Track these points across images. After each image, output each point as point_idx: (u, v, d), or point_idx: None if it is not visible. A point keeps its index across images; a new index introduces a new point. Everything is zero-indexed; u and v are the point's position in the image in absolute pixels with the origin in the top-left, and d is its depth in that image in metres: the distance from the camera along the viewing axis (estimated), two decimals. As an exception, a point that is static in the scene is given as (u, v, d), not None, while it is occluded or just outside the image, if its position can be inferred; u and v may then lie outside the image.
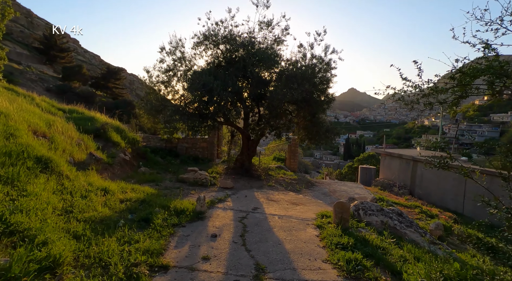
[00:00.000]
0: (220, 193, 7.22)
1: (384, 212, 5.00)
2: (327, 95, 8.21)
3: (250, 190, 8.03)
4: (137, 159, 10.33)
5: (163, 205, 4.82)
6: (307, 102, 7.79)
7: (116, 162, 7.78)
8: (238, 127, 10.36)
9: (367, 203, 5.24)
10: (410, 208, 8.47)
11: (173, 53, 9.28)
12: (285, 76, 7.91)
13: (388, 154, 15.20)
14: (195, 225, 4.38)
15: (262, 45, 8.99)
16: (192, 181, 8.07)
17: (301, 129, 9.36)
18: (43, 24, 53.61)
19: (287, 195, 7.87)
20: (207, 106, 8.02)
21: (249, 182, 9.11)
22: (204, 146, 14.11)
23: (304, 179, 11.24)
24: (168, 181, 8.03)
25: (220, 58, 9.59)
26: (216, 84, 7.72)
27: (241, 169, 10.19)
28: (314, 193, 9.23)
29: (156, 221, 4.00)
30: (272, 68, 8.28)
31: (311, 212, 6.08)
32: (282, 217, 5.33)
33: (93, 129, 8.59)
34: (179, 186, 7.51)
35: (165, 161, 11.65)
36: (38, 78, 31.93)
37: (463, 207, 11.03)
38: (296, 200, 7.29)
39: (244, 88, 8.22)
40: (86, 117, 9.56)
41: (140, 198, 5.15)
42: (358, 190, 11.01)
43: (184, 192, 6.89)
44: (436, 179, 12.55)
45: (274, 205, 6.43)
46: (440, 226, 5.92)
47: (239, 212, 5.57)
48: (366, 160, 28.33)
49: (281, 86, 7.19)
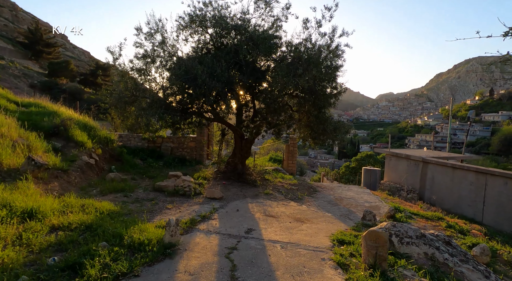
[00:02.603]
0: (205, 207, 5.74)
1: (427, 240, 3.63)
2: (335, 86, 6.81)
3: (243, 201, 6.57)
4: (110, 162, 8.74)
5: (116, 234, 3.32)
6: (312, 93, 6.37)
7: (75, 167, 6.20)
8: (229, 125, 8.88)
9: (401, 226, 3.85)
10: (432, 220, 7.17)
11: (151, 36, 7.72)
12: (287, 62, 6.47)
13: (394, 154, 13.97)
14: (157, 272, 2.88)
15: (258, 28, 7.54)
16: (172, 190, 6.56)
17: (303, 127, 7.95)
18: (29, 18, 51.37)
19: (288, 207, 6.46)
20: (191, 98, 6.54)
21: (242, 190, 7.65)
22: (192, 146, 12.57)
23: (304, 183, 9.86)
24: (141, 191, 6.50)
25: (209, 45, 8.07)
26: (201, 70, 6.23)
27: (233, 174, 8.73)
28: (319, 202, 7.85)
29: (89, 271, 2.49)
30: (270, 53, 6.81)
31: (322, 233, 4.67)
32: (286, 246, 3.90)
33: (50, 126, 6.97)
34: (154, 197, 6.00)
35: (145, 164, 10.09)
36: (21, 73, 29.95)
37: (483, 215, 9.87)
38: (300, 214, 5.87)
39: (237, 77, 6.74)
40: (45, 112, 7.90)
41: (86, 222, 3.63)
42: (367, 196, 9.71)
43: (158, 206, 5.38)
44: (449, 183, 11.36)
45: (273, 224, 4.99)
46: (486, 250, 4.59)
47: (227, 237, 4.11)
48: (364, 160, 27.22)
49: (282, 74, 5.75)
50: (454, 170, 11.09)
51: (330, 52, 6.08)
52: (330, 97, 6.70)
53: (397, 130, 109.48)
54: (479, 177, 10.13)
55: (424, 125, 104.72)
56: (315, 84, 6.02)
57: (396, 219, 6.63)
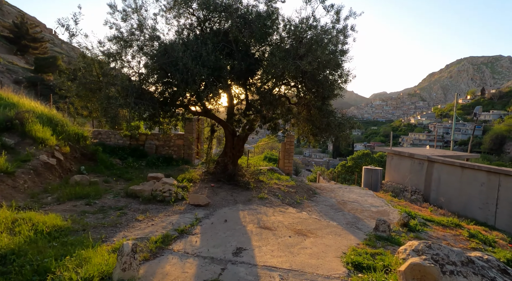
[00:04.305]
0: (187, 217, 4.71)
1: (477, 268, 2.69)
2: (341, 73, 5.83)
3: (233, 208, 5.55)
4: (81, 162, 7.60)
5: (41, 269, 2.27)
6: (315, 81, 5.38)
7: (26, 168, 5.07)
8: (219, 119, 7.84)
9: (440, 248, 2.90)
10: (449, 227, 6.30)
11: (128, 15, 6.60)
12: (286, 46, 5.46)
13: (396, 153, 13.15)
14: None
15: (252, 8, 6.50)
16: (148, 195, 5.49)
17: (303, 122, 6.96)
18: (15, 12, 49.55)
19: (286, 214, 5.48)
20: (170, 86, 5.48)
21: (232, 194, 6.64)
22: (180, 144, 11.46)
23: (303, 185, 8.90)
24: (111, 197, 5.40)
25: (196, 30, 6.99)
26: (182, 51, 5.18)
27: (223, 175, 7.70)
28: (320, 207, 6.90)
29: None
30: (265, 35, 5.77)
31: (331, 252, 3.70)
32: (288, 277, 2.90)
33: (1, 120, 5.80)
34: (124, 205, 4.92)
35: (124, 164, 8.96)
36: (5, 69, 28.45)
37: (495, 218, 9.11)
38: (301, 224, 4.90)
39: (226, 63, 5.70)
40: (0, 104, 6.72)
41: (6, 248, 2.56)
42: (371, 199, 8.82)
43: (125, 218, 4.32)
44: (458, 183, 10.58)
45: (269, 239, 3.99)
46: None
47: (208, 263, 3.09)
48: (360, 159, 26.54)
49: (280, 55, 4.75)
50: (463, 169, 10.32)
51: (339, 32, 5.08)
52: (335, 86, 5.71)
53: (391, 129, 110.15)
54: (492, 177, 9.38)
55: (417, 124, 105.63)
56: (320, 68, 5.02)
57: (411, 227, 5.74)
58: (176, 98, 6.30)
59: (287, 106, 6.87)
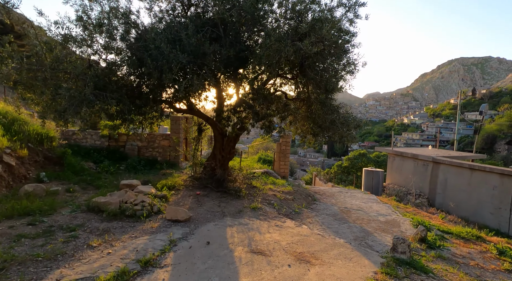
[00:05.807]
0: (158, 239, 3.71)
1: None
2: (347, 62, 4.92)
3: (219, 223, 4.58)
4: (44, 167, 6.51)
5: None
6: (318, 70, 4.45)
7: (-45, 178, 4.00)
8: (206, 117, 6.85)
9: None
10: (470, 240, 5.46)
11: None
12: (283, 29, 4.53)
13: (398, 154, 12.38)
14: None
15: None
16: (115, 209, 4.47)
17: (302, 119, 6.05)
18: (-5, 6, 47.28)
19: (283, 230, 4.54)
20: (141, 75, 4.49)
21: (220, 204, 5.66)
22: (165, 145, 10.42)
23: (301, 190, 7.99)
24: (67, 212, 4.36)
25: (179, 16, 5.98)
26: (155, 32, 4.20)
27: (210, 181, 6.73)
28: (322, 218, 5.99)
29: None
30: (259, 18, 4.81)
31: (344, 291, 2.78)
32: None
33: None
34: (81, 224, 3.90)
35: (98, 168, 7.88)
36: None
37: (509, 225, 8.38)
38: (302, 245, 3.97)
39: (212, 48, 4.73)
40: None
41: None
42: (376, 205, 7.97)
43: (75, 243, 3.30)
44: (466, 186, 9.83)
45: (263, 273, 3.05)
46: None
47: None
48: (356, 159, 25.87)
49: (276, 36, 3.81)
50: (472, 171, 9.56)
51: (349, 8, 4.16)
52: (340, 76, 4.80)
53: (384, 128, 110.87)
54: (505, 180, 8.64)
55: (410, 123, 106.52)
56: (324, 54, 4.09)
57: (430, 243, 4.87)
58: (155, 92, 5.30)
59: (284, 101, 5.93)
